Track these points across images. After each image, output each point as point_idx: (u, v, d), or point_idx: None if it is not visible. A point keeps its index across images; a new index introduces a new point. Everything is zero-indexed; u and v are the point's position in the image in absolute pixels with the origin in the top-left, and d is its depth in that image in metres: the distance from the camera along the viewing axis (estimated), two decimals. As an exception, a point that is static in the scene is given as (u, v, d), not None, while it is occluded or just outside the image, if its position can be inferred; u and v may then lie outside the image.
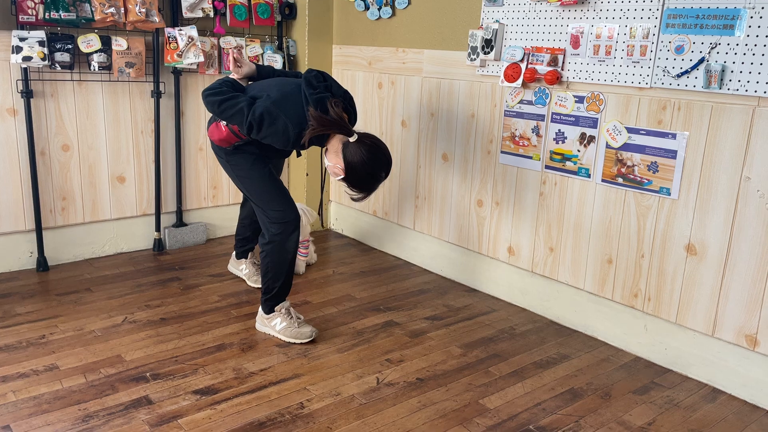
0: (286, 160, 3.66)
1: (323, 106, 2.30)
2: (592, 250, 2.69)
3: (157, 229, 3.55)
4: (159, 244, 3.55)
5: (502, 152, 2.98)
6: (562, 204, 2.78)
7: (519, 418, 2.13)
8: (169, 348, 2.49)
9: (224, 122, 2.41)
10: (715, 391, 2.34)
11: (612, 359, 2.55)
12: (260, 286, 2.68)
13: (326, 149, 2.38)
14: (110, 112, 3.31)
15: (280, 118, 2.29)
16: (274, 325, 2.61)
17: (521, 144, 2.89)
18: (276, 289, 2.59)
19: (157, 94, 3.38)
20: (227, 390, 2.21)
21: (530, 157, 2.86)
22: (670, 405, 2.23)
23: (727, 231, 2.25)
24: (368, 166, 2.29)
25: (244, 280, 3.18)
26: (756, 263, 2.19)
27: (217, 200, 3.78)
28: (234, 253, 3.22)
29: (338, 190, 3.99)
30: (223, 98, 2.33)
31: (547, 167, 2.81)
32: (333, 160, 2.34)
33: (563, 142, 2.72)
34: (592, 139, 2.61)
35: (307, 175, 3.90)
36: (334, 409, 2.13)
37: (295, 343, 2.56)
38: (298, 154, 2.65)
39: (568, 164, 2.71)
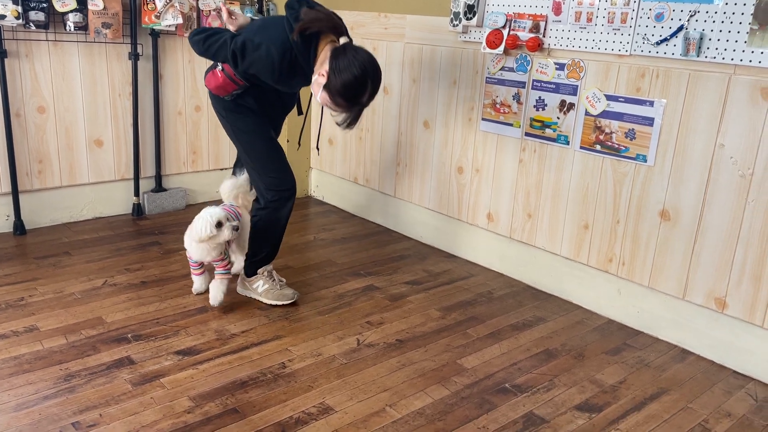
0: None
1: (310, 3, 2.27)
2: (569, 216, 2.74)
3: (136, 193, 3.52)
4: (138, 209, 3.53)
5: (483, 119, 2.99)
6: (541, 171, 2.81)
7: (495, 377, 2.19)
8: (150, 310, 2.49)
9: (220, 67, 2.34)
10: (684, 351, 2.42)
11: (586, 322, 2.62)
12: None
13: (315, 77, 2.22)
14: (87, 74, 3.25)
15: (262, 43, 2.19)
16: (256, 287, 2.61)
17: (502, 111, 2.91)
18: (262, 255, 2.59)
19: (134, 56, 3.32)
20: (209, 351, 2.24)
21: (511, 125, 2.88)
22: (640, 365, 2.31)
23: (700, 197, 2.31)
24: (354, 68, 2.10)
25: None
26: (727, 229, 2.26)
27: (197, 165, 3.75)
28: (243, 267, 2.70)
29: (320, 156, 3.99)
30: (207, 35, 2.29)
31: (527, 134, 2.83)
32: (319, 70, 2.18)
33: (543, 109, 2.74)
34: (571, 106, 2.64)
35: (287, 141, 3.89)
36: (315, 368, 2.17)
37: (276, 305, 2.58)
38: (299, 111, 2.61)
39: (548, 131, 2.74)
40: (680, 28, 2.25)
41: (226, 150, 3.84)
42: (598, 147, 2.58)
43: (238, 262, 2.72)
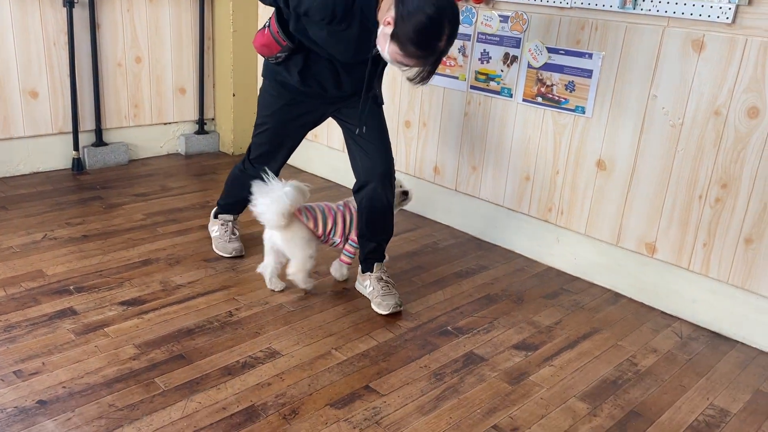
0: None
1: None
2: (511, 168, 2.81)
3: (75, 147, 3.41)
4: (78, 164, 3.43)
5: (429, 72, 3.01)
6: (485, 124, 2.86)
7: (438, 320, 2.26)
8: (92, 263, 2.46)
9: (267, 24, 2.08)
10: (617, 295, 2.55)
11: (526, 269, 2.73)
12: (387, 311, 2.27)
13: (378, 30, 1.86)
14: (18, 22, 3.10)
15: None
16: (212, 231, 2.68)
17: (448, 64, 2.93)
18: (222, 202, 2.64)
19: (69, 4, 3.18)
20: (154, 301, 2.23)
21: (456, 78, 2.91)
22: (576, 307, 2.43)
23: (634, 147, 2.41)
24: (427, 6, 1.71)
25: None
26: (657, 177, 2.36)
27: (139, 119, 3.66)
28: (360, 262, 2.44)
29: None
30: None
31: (472, 87, 2.87)
32: (384, 18, 1.80)
33: (488, 62, 2.78)
34: (515, 59, 2.68)
35: (233, 95, 3.82)
36: (263, 316, 2.20)
37: (221, 256, 2.58)
38: (375, 100, 2.23)
39: (492, 84, 2.79)
40: (618, -19, 2.31)
41: (169, 104, 3.75)
42: (539, 99, 2.64)
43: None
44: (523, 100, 2.69)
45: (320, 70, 2.14)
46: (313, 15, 1.88)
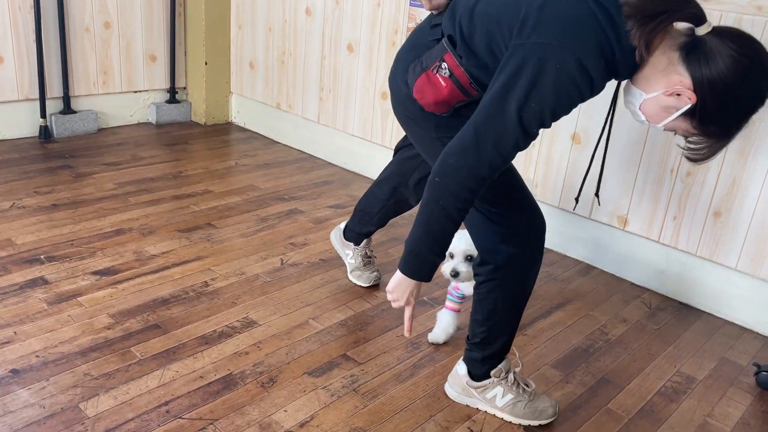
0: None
1: None
2: (488, 141, 2.82)
3: (43, 115, 3.31)
4: (45, 132, 3.33)
5: (406, 43, 2.98)
6: (463, 96, 2.86)
7: (415, 291, 2.28)
8: (63, 232, 2.41)
9: (445, 70, 1.46)
10: (588, 266, 2.60)
11: (501, 241, 2.76)
12: (368, 283, 2.16)
13: (629, 81, 1.38)
14: (-21, -18, 2.98)
15: (548, 58, 1.26)
16: (492, 397, 1.70)
17: (426, 35, 2.90)
18: (499, 344, 1.68)
19: (34, -36, 3.06)
20: (128, 271, 2.20)
21: (434, 49, 2.89)
22: (549, 279, 2.47)
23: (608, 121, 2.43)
24: (746, 74, 1.24)
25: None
26: (630, 151, 2.40)
27: (108, 87, 3.56)
28: (343, 227, 2.30)
29: (239, 80, 3.87)
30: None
31: (449, 59, 2.85)
32: (658, 86, 1.31)
33: (466, 33, 2.76)
34: (493, 31, 2.67)
35: (206, 63, 3.74)
36: (239, 286, 2.19)
37: (197, 227, 2.55)
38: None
39: (470, 56, 2.78)
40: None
41: (139, 71, 3.66)
42: (517, 72, 2.64)
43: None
44: (501, 72, 2.69)
45: None
46: (559, 115, 1.34)
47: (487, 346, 1.66)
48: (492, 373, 1.67)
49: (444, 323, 1.99)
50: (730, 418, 1.78)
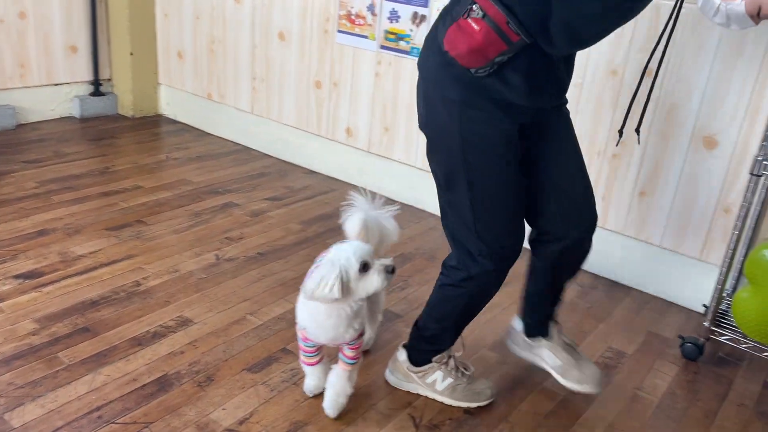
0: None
1: None
2: (423, 128, 2.84)
3: (-46, 111, 3.12)
4: (-43, 129, 3.14)
5: (339, 31, 2.96)
6: (397, 84, 2.86)
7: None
8: (-20, 236, 2.28)
9: (477, 11, 1.27)
10: (526, 250, 2.64)
11: (438, 228, 2.78)
12: (583, 389, 1.75)
13: None
14: None
15: None
16: (432, 382, 1.71)
17: (357, 23, 2.89)
18: (445, 338, 1.71)
19: (-65, -51, 2.85)
20: (53, 273, 2.10)
21: (366, 37, 2.88)
22: (486, 263, 2.51)
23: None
24: None
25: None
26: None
27: (27, 80, 3.37)
28: (521, 323, 1.83)
29: (168, 70, 3.74)
30: None
31: (382, 47, 2.85)
32: None
33: (397, 21, 2.76)
34: (423, 18, 2.68)
35: (131, 54, 3.60)
36: (173, 284, 2.13)
37: (127, 224, 2.46)
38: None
39: (402, 44, 2.78)
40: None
41: (59, 63, 3.48)
42: (449, 59, 2.66)
43: (368, 334, 1.86)
44: (433, 60, 2.70)
45: (542, 69, 1.37)
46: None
47: (436, 342, 1.69)
48: (434, 359, 1.69)
49: (315, 379, 1.66)
50: (658, 389, 1.87)
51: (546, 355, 1.75)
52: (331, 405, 1.59)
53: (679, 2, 1.34)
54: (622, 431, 1.69)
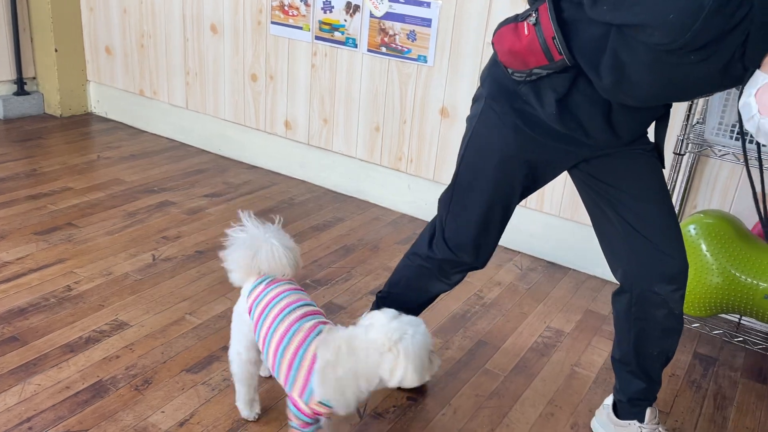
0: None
1: None
2: (362, 119, 2.83)
3: None
4: None
5: (272, 23, 2.91)
6: (333, 75, 2.84)
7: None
8: None
9: (533, 19, 1.22)
10: (464, 236, 2.69)
11: (381, 218, 2.79)
12: None
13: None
14: None
15: None
16: None
17: (291, 14, 2.85)
18: (395, 297, 1.67)
19: None
20: (-24, 282, 2.01)
21: (300, 28, 2.84)
22: (428, 250, 2.54)
23: (471, 93, 2.51)
24: None
25: None
26: (496, 122, 2.50)
27: (-58, 80, 3.20)
28: (613, 401, 1.63)
29: (96, 67, 3.60)
30: None
31: (317, 38, 2.82)
32: None
33: (330, 11, 2.74)
34: (357, 8, 2.67)
35: (56, 50, 3.45)
36: (106, 287, 2.06)
37: (56, 227, 2.35)
38: (661, 161, 1.44)
39: (337, 35, 2.76)
40: (451, -70, 2.34)
41: (-22, 62, 3.30)
42: (383, 49, 2.66)
43: None
44: (368, 50, 2.70)
45: (586, 102, 1.29)
46: (650, 34, 1.09)
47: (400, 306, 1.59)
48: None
49: None
50: (595, 365, 1.93)
51: None
52: None
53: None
54: (562, 407, 1.73)
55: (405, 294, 1.65)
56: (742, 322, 2.15)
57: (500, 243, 2.59)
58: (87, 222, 2.46)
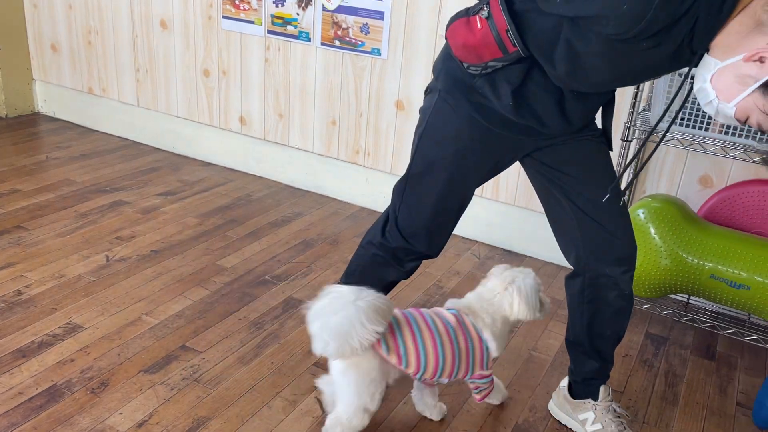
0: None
1: None
2: (317, 113, 2.82)
3: None
4: None
5: (223, 17, 2.87)
6: (287, 69, 2.82)
7: (255, 271, 2.24)
8: None
9: (484, 13, 1.23)
10: (423, 227, 2.72)
11: (340, 212, 2.79)
12: None
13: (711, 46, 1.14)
14: None
15: None
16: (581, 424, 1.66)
17: (242, 8, 2.81)
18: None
19: None
20: None
21: (252, 22, 2.81)
22: (387, 243, 2.55)
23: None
24: None
25: None
26: (450, 113, 2.52)
27: None
28: (568, 382, 1.69)
29: (42, 65, 3.49)
30: None
31: (269, 32, 2.80)
32: (739, 50, 1.09)
33: (283, 5, 2.72)
34: (309, 1, 2.65)
35: (-2, 48, 3.33)
36: (59, 290, 2.01)
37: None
38: (609, 144, 1.47)
39: (290, 28, 2.74)
40: None
41: None
42: (337, 43, 2.65)
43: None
44: (322, 44, 2.69)
45: (540, 92, 1.31)
46: (605, 24, 1.11)
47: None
48: None
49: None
50: (551, 348, 1.98)
51: (586, 417, 1.61)
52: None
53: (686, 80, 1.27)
54: (520, 390, 1.77)
55: (361, 283, 1.65)
56: (690, 301, 2.23)
57: (458, 233, 2.64)
58: (37, 224, 2.39)
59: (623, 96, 2.18)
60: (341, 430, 1.42)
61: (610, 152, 1.48)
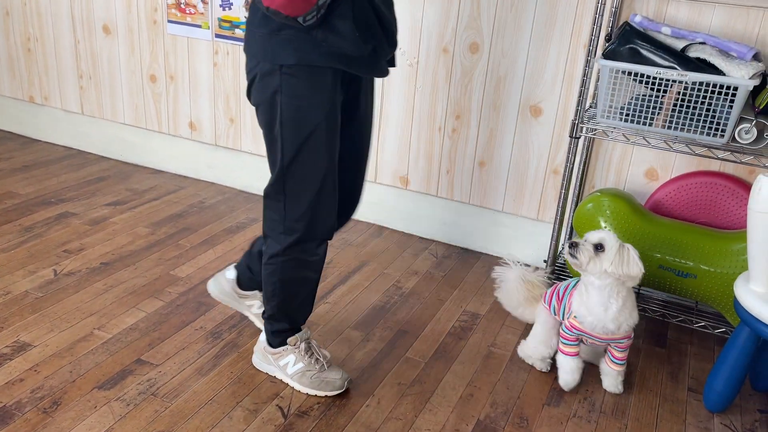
0: None
1: None
2: (269, 117, 2.79)
3: None
4: None
5: (169, 21, 2.81)
6: (237, 73, 2.78)
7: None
8: None
9: None
10: (380, 228, 2.72)
11: (295, 216, 2.77)
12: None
13: None
14: None
15: None
16: (284, 364, 1.71)
17: (188, 12, 2.76)
18: (286, 321, 1.70)
19: None
20: None
21: (199, 26, 2.76)
22: (345, 244, 2.54)
23: (378, 89, 2.54)
24: None
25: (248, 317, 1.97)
26: (403, 115, 2.54)
27: None
28: (233, 274, 1.87)
29: (-21, 75, 3.35)
30: None
31: (217, 36, 2.75)
32: None
33: (230, 8, 2.68)
34: (257, 4, 2.62)
35: (-70, 57, 3.18)
36: (5, 308, 1.93)
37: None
38: (390, 64, 1.49)
39: (238, 32, 2.70)
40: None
41: None
42: (287, 45, 2.63)
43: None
44: (272, 47, 2.66)
45: (364, 8, 1.32)
46: None
47: (274, 322, 1.70)
48: (288, 340, 1.69)
49: (568, 369, 1.78)
50: (510, 343, 2.01)
51: (257, 306, 1.88)
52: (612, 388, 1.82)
53: None
54: (481, 387, 1.79)
55: (288, 298, 1.66)
56: (641, 292, 2.30)
57: (415, 232, 2.66)
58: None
59: (570, 92, 2.23)
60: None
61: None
